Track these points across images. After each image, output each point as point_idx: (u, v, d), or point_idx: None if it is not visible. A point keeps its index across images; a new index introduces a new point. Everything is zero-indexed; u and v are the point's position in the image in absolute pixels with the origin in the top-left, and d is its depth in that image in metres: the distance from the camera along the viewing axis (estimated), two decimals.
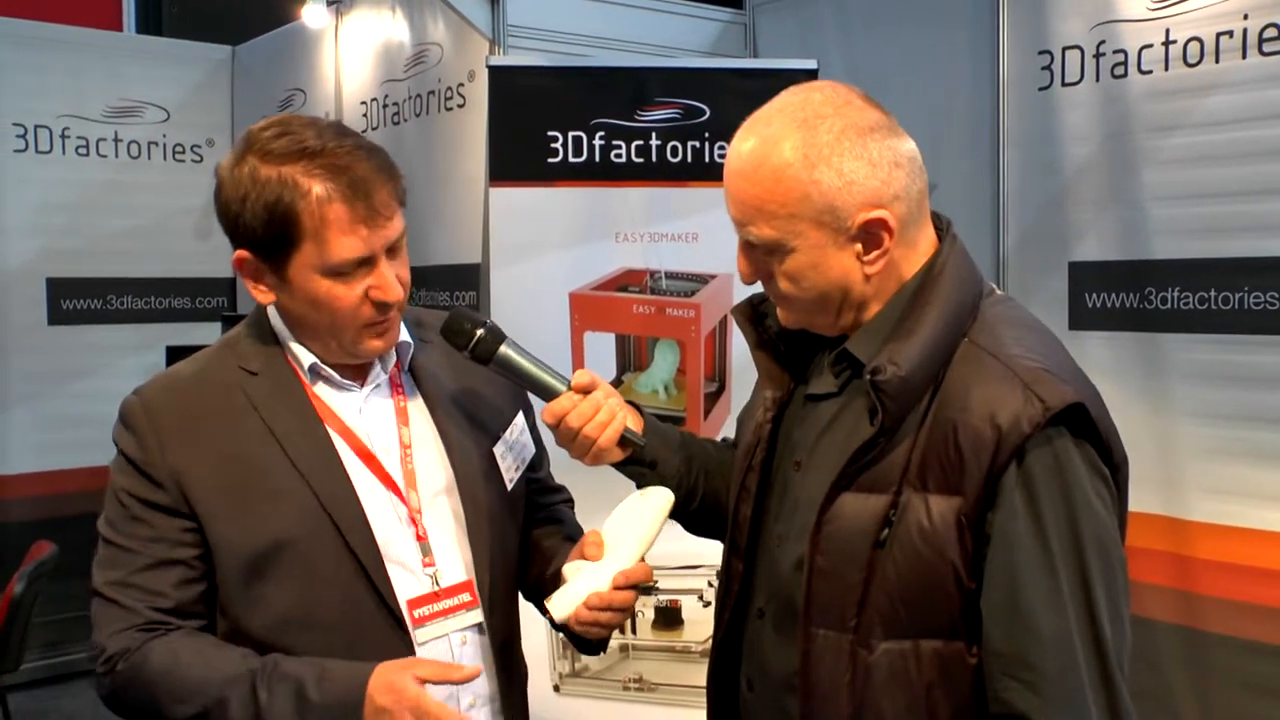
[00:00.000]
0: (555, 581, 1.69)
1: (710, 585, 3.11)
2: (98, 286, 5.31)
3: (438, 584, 1.62)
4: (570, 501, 1.96)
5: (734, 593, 1.63)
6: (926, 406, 1.40)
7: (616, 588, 1.60)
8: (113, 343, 5.28)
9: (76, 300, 5.26)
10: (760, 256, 1.48)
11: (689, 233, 3.28)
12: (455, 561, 1.66)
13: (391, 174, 1.54)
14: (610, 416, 1.65)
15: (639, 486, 1.73)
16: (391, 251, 1.56)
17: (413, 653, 1.56)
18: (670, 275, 3.30)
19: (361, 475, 1.60)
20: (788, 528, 1.53)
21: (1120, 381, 3.09)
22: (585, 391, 1.66)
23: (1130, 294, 3.14)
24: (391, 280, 1.56)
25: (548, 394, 1.66)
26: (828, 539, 1.43)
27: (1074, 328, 3.24)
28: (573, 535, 1.82)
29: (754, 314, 1.64)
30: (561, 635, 1.78)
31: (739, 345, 3.11)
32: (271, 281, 1.56)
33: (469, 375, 1.74)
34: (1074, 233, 3.26)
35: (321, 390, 1.64)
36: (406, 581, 1.59)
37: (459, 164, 4.04)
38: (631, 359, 3.25)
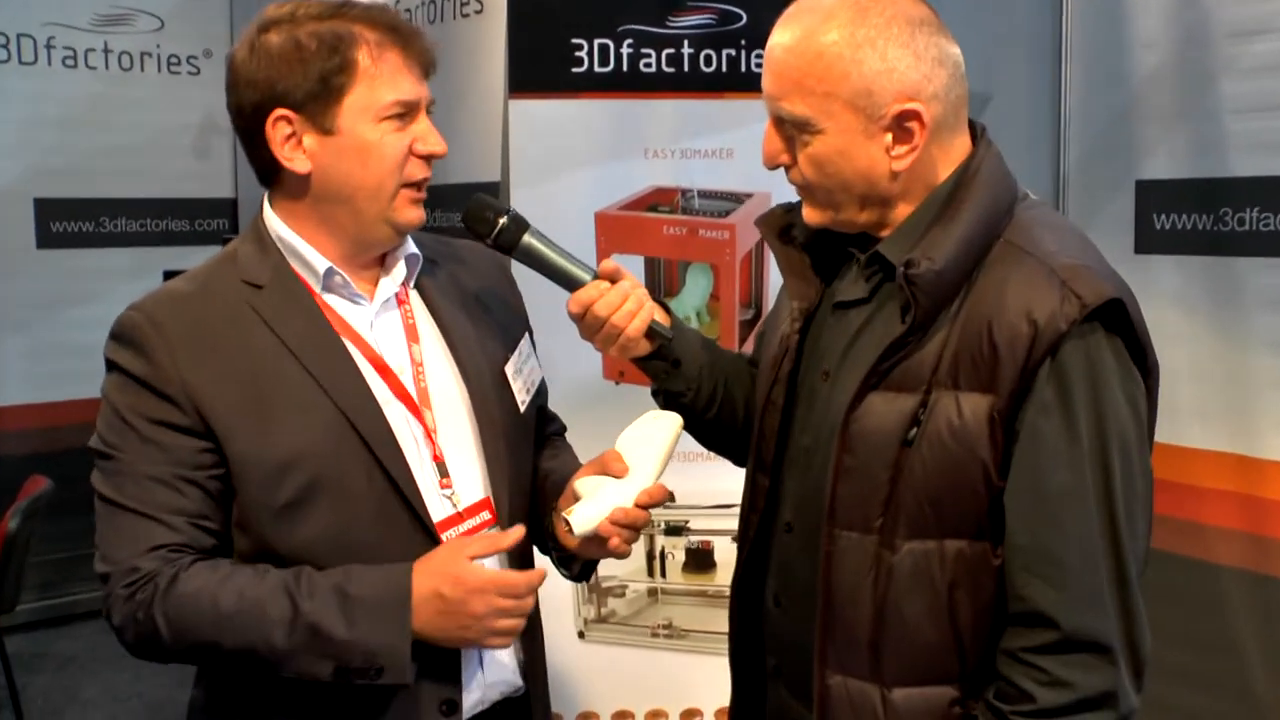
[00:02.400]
0: (553, 494, 1.79)
1: None
2: (89, 208, 5.38)
3: (456, 506, 1.69)
4: (563, 430, 2.06)
5: (760, 508, 1.73)
6: (959, 305, 1.49)
7: (639, 505, 1.69)
8: (106, 267, 5.35)
9: (67, 222, 5.34)
10: (787, 136, 1.56)
11: (724, 148, 3.26)
12: (472, 480, 1.73)
13: (420, 33, 1.68)
14: (638, 306, 1.73)
15: (660, 385, 1.83)
16: (428, 112, 1.68)
17: None
18: (703, 194, 3.28)
19: (379, 390, 1.66)
20: (816, 438, 1.62)
21: (1190, 309, 3.10)
22: (612, 280, 1.74)
23: (1203, 215, 3.12)
24: (434, 131, 1.66)
25: (573, 283, 1.74)
26: (855, 438, 1.52)
27: (1140, 251, 3.23)
28: (564, 460, 1.93)
29: (781, 222, 1.72)
30: (573, 576, 1.90)
31: (776, 269, 3.05)
32: (312, 142, 1.62)
33: (474, 297, 1.82)
34: (1142, 149, 3.24)
35: (332, 302, 1.69)
36: (430, 503, 1.67)
37: (476, 75, 4.02)
38: (661, 284, 3.27)
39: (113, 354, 1.62)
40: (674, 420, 1.77)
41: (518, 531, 1.64)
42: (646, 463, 1.74)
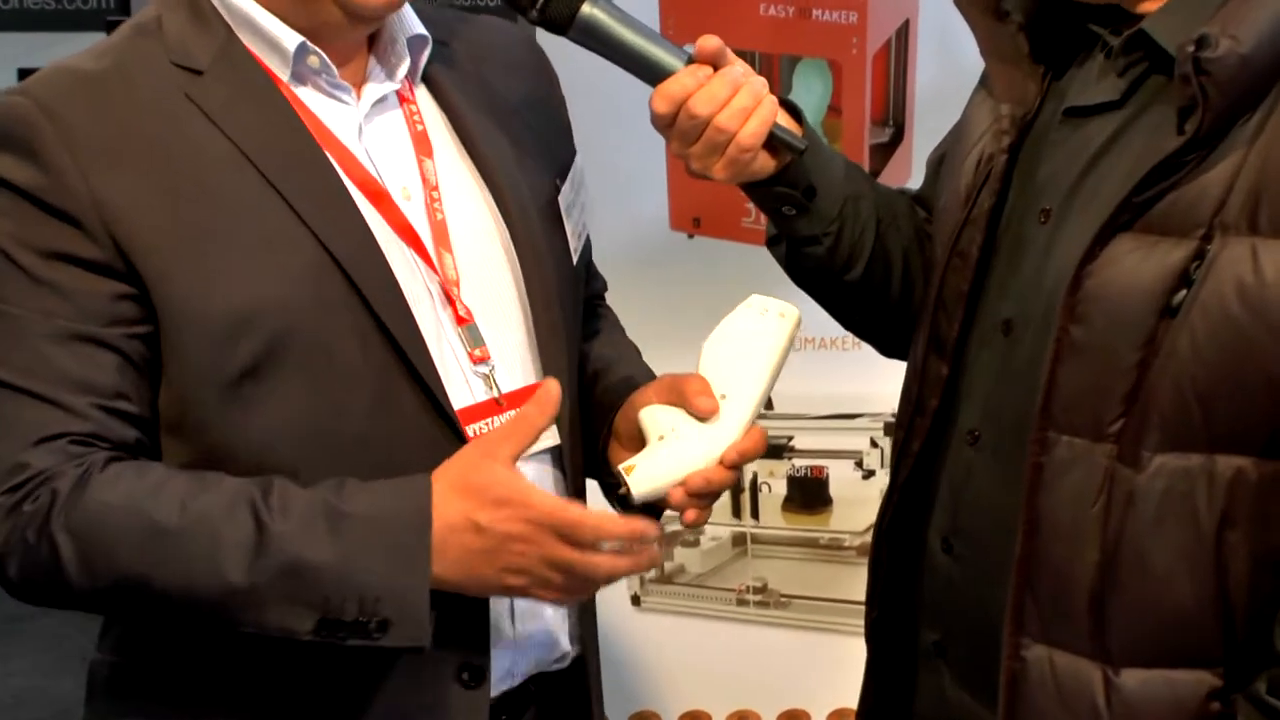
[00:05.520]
0: (606, 404, 1.81)
1: (875, 445, 3.15)
2: None
3: (493, 389, 1.69)
4: (604, 289, 2.09)
5: (931, 410, 1.72)
6: (1266, 115, 1.46)
7: (726, 465, 1.68)
8: None
9: None
10: None
11: None
12: (515, 357, 1.74)
13: None
14: (754, 100, 1.68)
15: (782, 227, 1.82)
16: None
17: None
18: None
19: (372, 225, 1.65)
20: (1025, 307, 1.61)
21: None
22: (715, 65, 1.69)
23: None
24: None
25: (657, 70, 1.69)
26: (1090, 300, 1.50)
27: None
28: (621, 351, 1.97)
29: None
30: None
31: (926, 69, 3.09)
32: None
33: (508, 96, 1.83)
34: None
35: (305, 97, 1.68)
36: (452, 384, 1.67)
37: None
38: None
39: None
40: (788, 320, 1.71)
41: (554, 391, 1.56)
42: (744, 392, 1.70)
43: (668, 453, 1.68)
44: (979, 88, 1.78)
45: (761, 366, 1.70)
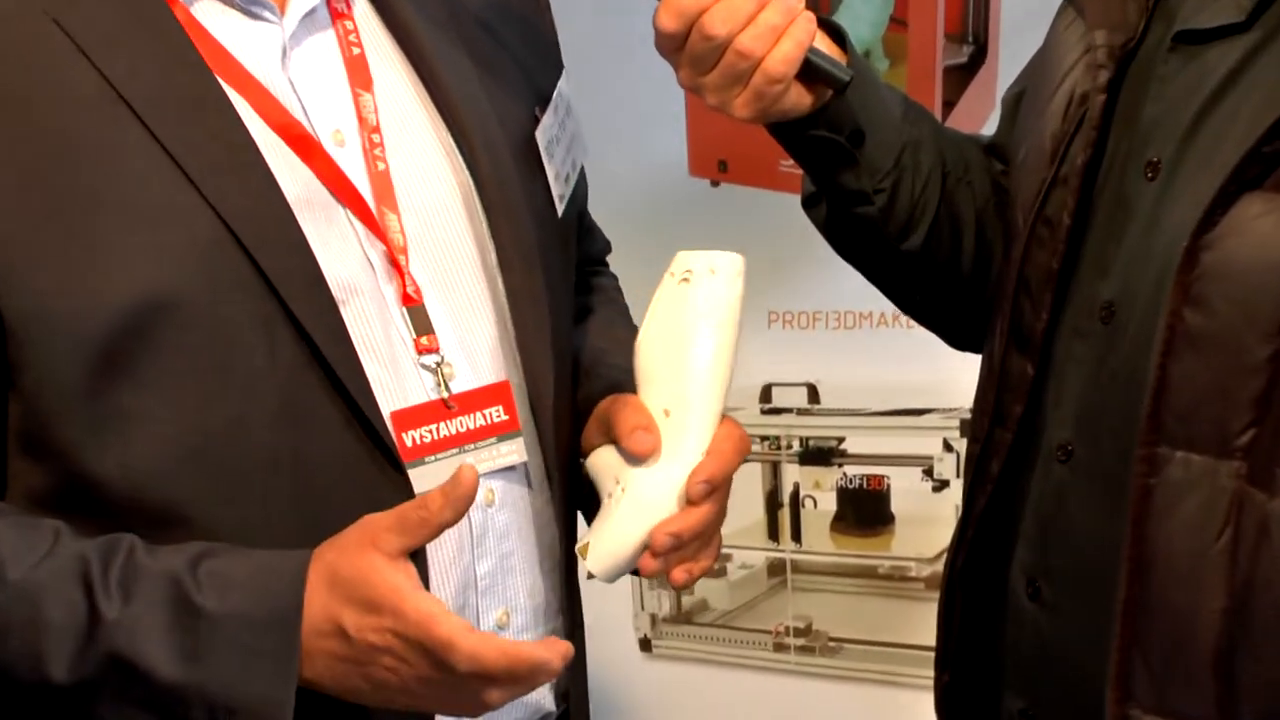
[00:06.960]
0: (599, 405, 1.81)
1: (948, 449, 3.10)
2: None
3: (447, 387, 1.67)
4: (606, 252, 2.10)
5: (1013, 419, 1.72)
6: None
7: (693, 500, 1.65)
8: None
9: None
10: None
11: None
12: (480, 344, 1.72)
13: None
14: (786, 17, 1.65)
15: (821, 180, 1.80)
16: None
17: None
18: None
19: (293, 178, 1.62)
20: (1130, 287, 1.60)
21: None
22: None
23: None
24: None
25: None
26: (1209, 278, 1.48)
27: None
28: (621, 340, 1.91)
29: None
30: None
31: None
32: None
33: (473, 9, 1.83)
34: None
35: (208, 18, 1.64)
36: (387, 379, 1.64)
37: None
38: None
39: None
40: (724, 275, 1.64)
41: (465, 480, 1.46)
42: (694, 398, 1.65)
43: (619, 514, 1.65)
44: (1064, 8, 1.77)
45: (706, 356, 1.65)
